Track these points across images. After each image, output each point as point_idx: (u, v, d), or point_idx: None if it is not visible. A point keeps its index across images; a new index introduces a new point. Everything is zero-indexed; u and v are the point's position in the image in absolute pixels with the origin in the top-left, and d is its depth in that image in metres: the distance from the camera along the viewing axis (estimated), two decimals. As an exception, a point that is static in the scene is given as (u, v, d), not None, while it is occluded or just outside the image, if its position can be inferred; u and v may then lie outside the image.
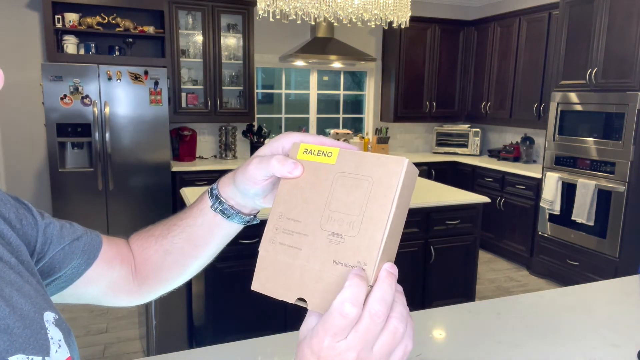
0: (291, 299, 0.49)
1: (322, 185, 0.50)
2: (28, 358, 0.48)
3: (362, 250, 0.46)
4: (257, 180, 0.58)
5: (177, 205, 4.21)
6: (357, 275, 0.44)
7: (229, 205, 0.65)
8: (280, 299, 0.49)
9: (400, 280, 0.46)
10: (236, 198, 0.64)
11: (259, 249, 0.51)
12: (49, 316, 0.54)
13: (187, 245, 0.70)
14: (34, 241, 0.62)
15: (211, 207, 0.66)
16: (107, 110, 3.92)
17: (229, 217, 0.66)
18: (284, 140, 0.57)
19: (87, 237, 0.71)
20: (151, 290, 0.78)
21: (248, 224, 0.68)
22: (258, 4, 2.97)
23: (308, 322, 0.47)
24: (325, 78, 5.60)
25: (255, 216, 0.68)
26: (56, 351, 0.52)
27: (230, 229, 0.68)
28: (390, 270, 0.45)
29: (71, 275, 0.68)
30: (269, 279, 0.50)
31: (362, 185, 0.48)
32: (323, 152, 0.52)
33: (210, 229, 0.68)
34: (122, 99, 3.98)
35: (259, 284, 0.51)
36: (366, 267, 0.45)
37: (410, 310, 0.52)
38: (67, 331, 0.56)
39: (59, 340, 0.53)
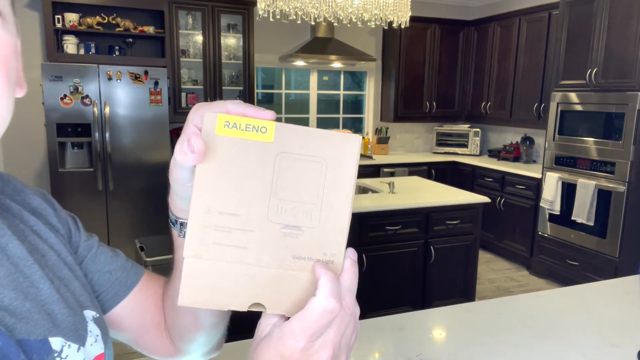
0: (242, 307, 0.43)
1: (261, 169, 0.41)
2: (66, 343, 0.52)
3: (328, 242, 0.42)
4: (186, 181, 0.47)
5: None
6: (328, 269, 0.41)
7: None
8: (225, 309, 0.43)
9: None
10: None
11: (184, 255, 0.41)
12: (89, 313, 0.58)
13: None
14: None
15: (179, 235, 0.58)
16: (107, 110, 3.92)
17: None
18: (196, 118, 0.44)
19: (121, 274, 0.68)
20: (181, 342, 0.70)
21: None
22: (258, 4, 2.97)
23: (269, 318, 0.44)
24: (325, 78, 5.60)
25: None
26: (91, 344, 0.56)
27: None
28: (353, 258, 0.43)
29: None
30: (205, 288, 0.42)
31: (314, 167, 0.41)
32: (254, 126, 0.41)
33: None
34: (122, 99, 3.98)
35: (190, 297, 0.42)
36: (334, 258, 0.42)
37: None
38: (105, 331, 0.60)
39: (97, 336, 0.57)
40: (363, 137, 5.55)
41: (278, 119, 0.42)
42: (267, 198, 0.41)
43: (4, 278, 0.50)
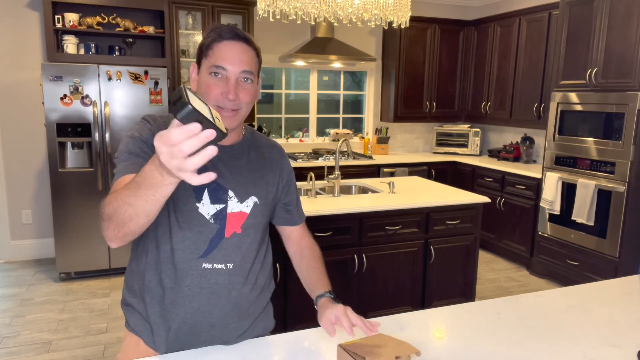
0: None
1: None
2: (234, 196, 1.18)
3: None
4: None
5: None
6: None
7: None
8: None
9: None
10: None
11: None
12: (253, 198, 1.21)
13: None
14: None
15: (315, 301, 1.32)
16: (107, 110, 3.92)
17: None
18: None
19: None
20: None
21: None
22: (258, 4, 2.97)
23: None
24: (325, 78, 5.60)
25: None
26: (244, 206, 1.20)
27: None
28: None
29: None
30: None
31: None
32: None
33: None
34: (122, 99, 3.98)
35: None
36: None
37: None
38: (257, 209, 1.22)
39: (249, 206, 1.21)
40: (362, 137, 5.54)
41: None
42: None
43: (243, 164, 1.21)
